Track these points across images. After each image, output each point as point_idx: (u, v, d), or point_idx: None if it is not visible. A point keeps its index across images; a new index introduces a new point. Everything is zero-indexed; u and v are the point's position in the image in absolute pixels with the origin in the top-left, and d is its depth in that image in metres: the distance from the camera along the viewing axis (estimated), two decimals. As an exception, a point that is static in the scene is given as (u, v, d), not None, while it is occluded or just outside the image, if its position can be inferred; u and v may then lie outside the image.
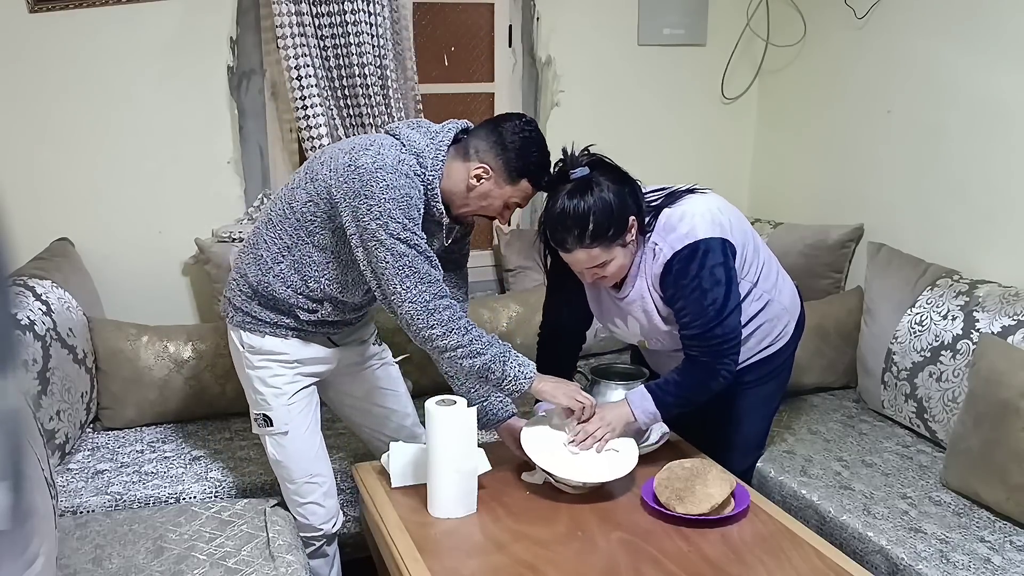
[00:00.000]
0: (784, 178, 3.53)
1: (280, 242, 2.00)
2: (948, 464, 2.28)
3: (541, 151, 1.96)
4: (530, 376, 1.95)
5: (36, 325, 2.28)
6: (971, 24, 2.67)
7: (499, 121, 1.97)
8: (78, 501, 2.24)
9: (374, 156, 1.87)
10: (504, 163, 1.93)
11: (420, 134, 1.96)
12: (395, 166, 1.87)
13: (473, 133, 1.98)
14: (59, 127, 2.78)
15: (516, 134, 1.93)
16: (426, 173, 1.92)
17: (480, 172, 1.93)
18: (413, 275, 1.86)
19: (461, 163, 1.95)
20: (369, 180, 1.85)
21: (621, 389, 2.20)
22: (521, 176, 1.95)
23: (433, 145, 1.94)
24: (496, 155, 1.93)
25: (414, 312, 1.87)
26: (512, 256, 3.23)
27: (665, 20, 3.42)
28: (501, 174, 1.94)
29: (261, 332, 2.06)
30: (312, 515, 2.17)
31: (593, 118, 3.37)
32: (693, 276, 1.97)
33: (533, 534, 1.86)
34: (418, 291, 1.87)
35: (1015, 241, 2.58)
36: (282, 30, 2.75)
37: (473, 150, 1.94)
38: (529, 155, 1.94)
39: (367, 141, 1.94)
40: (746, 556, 1.78)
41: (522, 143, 1.93)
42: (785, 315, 2.25)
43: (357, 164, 1.87)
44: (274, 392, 2.09)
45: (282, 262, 2.01)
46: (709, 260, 1.96)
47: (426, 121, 2.04)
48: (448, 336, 1.89)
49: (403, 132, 1.97)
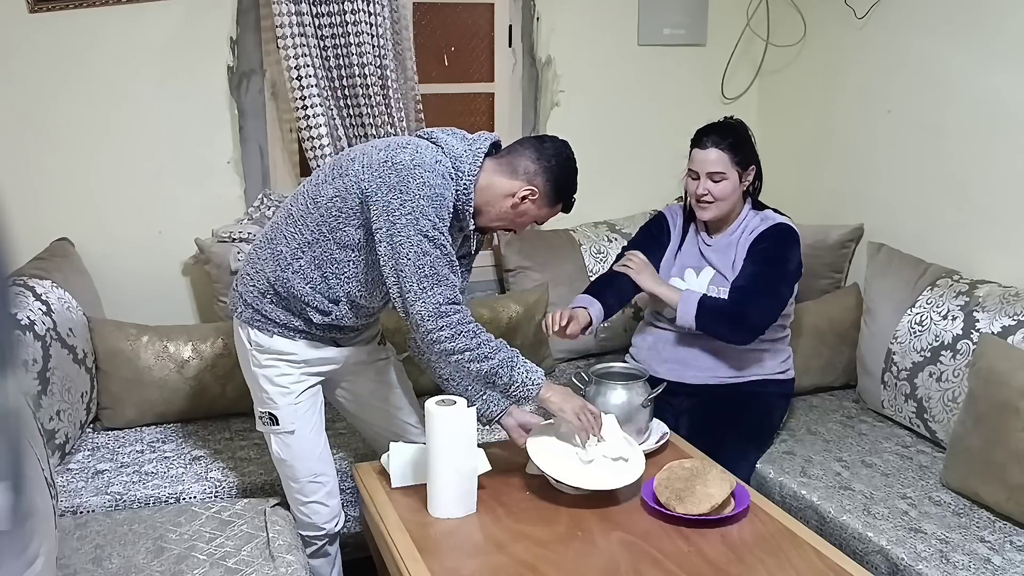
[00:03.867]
0: (784, 178, 3.53)
1: (301, 237, 1.99)
2: (948, 464, 2.28)
3: (576, 177, 2.06)
4: (538, 383, 1.94)
5: (36, 325, 2.28)
6: (971, 24, 2.67)
7: (544, 143, 2.04)
8: (78, 501, 2.24)
9: (412, 154, 1.89)
10: (551, 188, 2.01)
11: (457, 140, 1.99)
12: (432, 165, 1.89)
13: (517, 152, 2.02)
14: (59, 127, 2.78)
15: (564, 160, 2.03)
16: (462, 179, 1.95)
17: (528, 193, 1.99)
18: (432, 275, 1.87)
19: (506, 179, 1.99)
20: (407, 176, 1.86)
21: (621, 389, 2.21)
22: (559, 201, 2.05)
23: (471, 152, 1.97)
24: (546, 180, 2.00)
25: (425, 313, 1.87)
26: (512, 256, 3.23)
27: (665, 20, 3.42)
28: (545, 197, 2.02)
29: (269, 332, 2.05)
30: (315, 514, 2.17)
31: (593, 118, 3.37)
32: (777, 243, 2.43)
33: (533, 534, 1.86)
34: (433, 293, 1.87)
35: (1015, 241, 2.58)
36: (282, 30, 2.75)
37: (523, 169, 1.99)
38: (570, 182, 2.04)
39: (403, 141, 1.96)
40: (746, 556, 1.78)
41: (569, 170, 2.03)
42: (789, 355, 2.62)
43: (395, 160, 1.88)
44: (280, 391, 2.08)
45: (302, 258, 1.99)
46: (792, 244, 2.45)
47: (460, 129, 2.06)
48: (456, 339, 1.88)
49: (439, 136, 1.99)
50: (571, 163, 2.04)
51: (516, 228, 2.10)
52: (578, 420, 1.97)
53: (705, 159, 2.42)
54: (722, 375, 2.49)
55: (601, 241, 3.28)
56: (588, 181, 2.13)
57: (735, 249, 2.48)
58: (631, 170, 3.46)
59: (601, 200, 3.13)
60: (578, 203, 2.14)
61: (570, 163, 2.04)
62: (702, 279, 2.49)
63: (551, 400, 1.97)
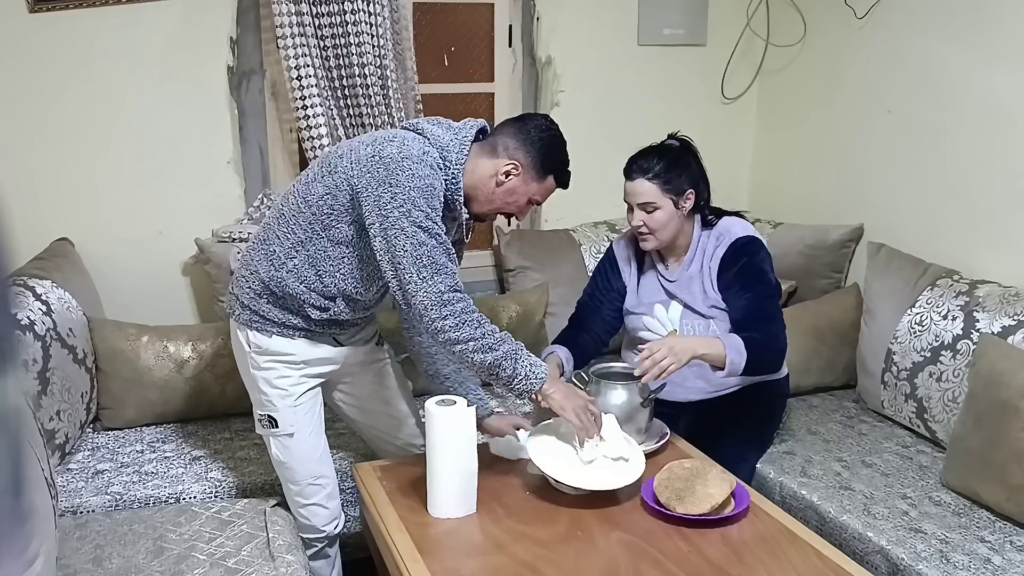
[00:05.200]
0: (784, 178, 3.53)
1: (294, 236, 1.99)
2: (948, 464, 2.28)
3: (564, 150, 2.05)
4: (541, 377, 1.94)
5: (36, 325, 2.28)
6: (971, 24, 2.67)
7: (524, 120, 2.06)
8: (78, 501, 2.24)
9: (399, 146, 1.89)
10: (533, 160, 1.99)
11: (443, 129, 1.99)
12: (420, 156, 1.89)
13: (499, 131, 2.03)
14: (59, 127, 2.78)
15: (544, 132, 2.01)
16: (450, 168, 1.95)
17: (510, 168, 1.98)
18: (431, 265, 1.86)
19: (488, 159, 1.99)
20: (395, 169, 1.86)
21: (621, 389, 2.20)
22: (548, 173, 2.03)
23: (457, 140, 1.97)
24: (526, 152, 1.98)
25: (428, 302, 1.86)
26: (512, 256, 3.23)
27: (665, 20, 3.42)
28: (529, 171, 2.00)
29: (268, 332, 2.04)
30: (315, 516, 2.17)
31: (593, 118, 3.37)
32: (752, 259, 2.27)
33: (533, 534, 1.86)
34: (434, 282, 1.86)
35: (1015, 241, 2.58)
36: (282, 30, 2.75)
37: (502, 147, 1.99)
38: (556, 153, 2.02)
39: (389, 134, 1.95)
40: (746, 556, 1.78)
41: (550, 141, 2.02)
42: None
43: (382, 154, 1.88)
44: (280, 393, 2.07)
45: (295, 257, 1.99)
46: (764, 254, 2.30)
47: (446, 119, 2.06)
48: (460, 328, 1.88)
49: (425, 127, 1.99)
50: (552, 134, 2.02)
51: (514, 212, 2.07)
52: (578, 420, 1.97)
53: (634, 191, 2.29)
54: (718, 388, 2.40)
55: (601, 241, 3.28)
56: (588, 181, 2.13)
57: (700, 280, 2.33)
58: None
59: (601, 200, 3.13)
60: (578, 203, 2.14)
61: (550, 134, 2.01)
62: (672, 314, 2.37)
63: (553, 397, 1.96)
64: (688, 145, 2.35)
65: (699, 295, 2.32)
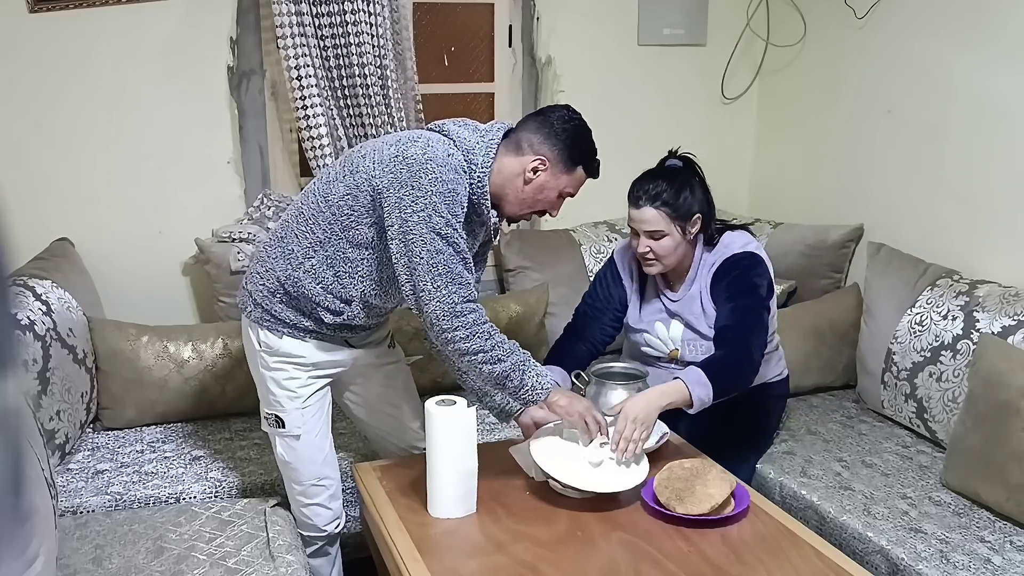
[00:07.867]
0: (784, 178, 3.53)
1: (312, 236, 1.95)
2: (948, 464, 2.28)
3: (591, 138, 2.00)
4: (547, 387, 1.94)
5: (36, 325, 2.28)
6: (971, 24, 2.67)
7: (546, 113, 2.00)
8: (78, 501, 2.24)
9: (423, 148, 1.85)
10: (559, 153, 1.95)
11: (469, 131, 1.95)
12: (445, 159, 1.85)
13: (521, 127, 1.99)
14: (59, 127, 2.78)
15: (567, 123, 1.96)
16: (476, 171, 1.91)
17: (536, 164, 1.94)
18: (446, 274, 1.84)
19: (514, 157, 1.95)
20: (418, 171, 1.82)
21: (621, 389, 2.20)
22: (576, 164, 1.98)
23: (483, 143, 1.93)
24: (552, 145, 1.94)
25: (440, 312, 1.85)
26: (512, 256, 3.22)
27: (665, 20, 3.42)
28: (557, 164, 1.95)
29: (279, 332, 2.02)
30: (316, 516, 2.17)
31: (593, 118, 3.31)
32: (744, 272, 2.24)
33: (533, 534, 1.85)
34: (447, 292, 1.84)
35: (1015, 241, 2.58)
36: (282, 30, 2.75)
37: (526, 143, 1.95)
38: (582, 142, 1.98)
39: (414, 135, 1.92)
40: (746, 556, 1.78)
41: (575, 131, 1.97)
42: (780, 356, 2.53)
43: (406, 155, 1.85)
44: (288, 395, 2.06)
45: (313, 257, 1.96)
46: (760, 269, 2.26)
47: (472, 120, 2.02)
48: (471, 340, 1.86)
49: (451, 129, 1.95)
50: (576, 124, 1.97)
51: (547, 208, 2.02)
52: (584, 423, 1.97)
53: (641, 218, 2.23)
54: None
55: (601, 241, 3.28)
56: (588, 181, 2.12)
57: (699, 299, 2.32)
58: (631, 170, 3.44)
59: (601, 200, 3.12)
60: (578, 203, 2.12)
61: (574, 124, 1.96)
62: (673, 333, 2.36)
63: (558, 404, 1.96)
64: (692, 164, 2.29)
65: (700, 314, 2.31)
